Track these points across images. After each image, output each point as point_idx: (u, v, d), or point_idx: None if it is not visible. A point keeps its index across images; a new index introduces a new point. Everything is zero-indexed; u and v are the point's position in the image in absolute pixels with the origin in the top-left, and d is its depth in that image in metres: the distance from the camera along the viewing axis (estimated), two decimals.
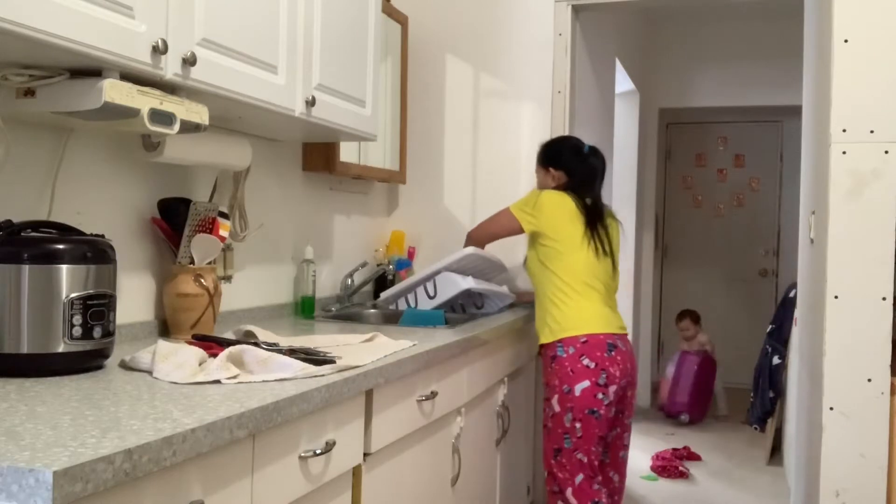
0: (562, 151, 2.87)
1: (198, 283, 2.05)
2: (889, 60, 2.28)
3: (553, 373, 2.65)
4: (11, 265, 1.48)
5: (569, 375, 2.60)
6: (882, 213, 2.28)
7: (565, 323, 2.65)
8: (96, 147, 1.92)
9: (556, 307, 2.68)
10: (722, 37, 6.15)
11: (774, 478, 4.47)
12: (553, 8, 3.35)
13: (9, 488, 0.93)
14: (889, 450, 2.28)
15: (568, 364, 2.61)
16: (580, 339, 2.61)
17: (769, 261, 6.93)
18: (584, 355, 2.60)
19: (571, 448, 2.60)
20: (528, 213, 2.73)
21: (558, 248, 2.69)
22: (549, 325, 2.68)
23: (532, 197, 2.75)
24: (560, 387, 2.61)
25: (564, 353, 2.62)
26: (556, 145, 2.93)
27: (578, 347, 2.61)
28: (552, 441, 2.64)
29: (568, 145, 2.90)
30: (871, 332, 2.28)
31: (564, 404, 2.60)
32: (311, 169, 2.83)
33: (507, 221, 2.79)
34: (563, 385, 2.60)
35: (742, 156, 7.01)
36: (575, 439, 2.59)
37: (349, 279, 3.04)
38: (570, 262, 2.69)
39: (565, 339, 2.63)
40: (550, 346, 2.67)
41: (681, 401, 5.49)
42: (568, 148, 2.88)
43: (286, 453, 1.46)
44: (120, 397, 1.34)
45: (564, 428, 2.60)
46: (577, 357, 2.60)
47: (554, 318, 2.67)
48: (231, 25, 1.80)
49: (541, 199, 2.71)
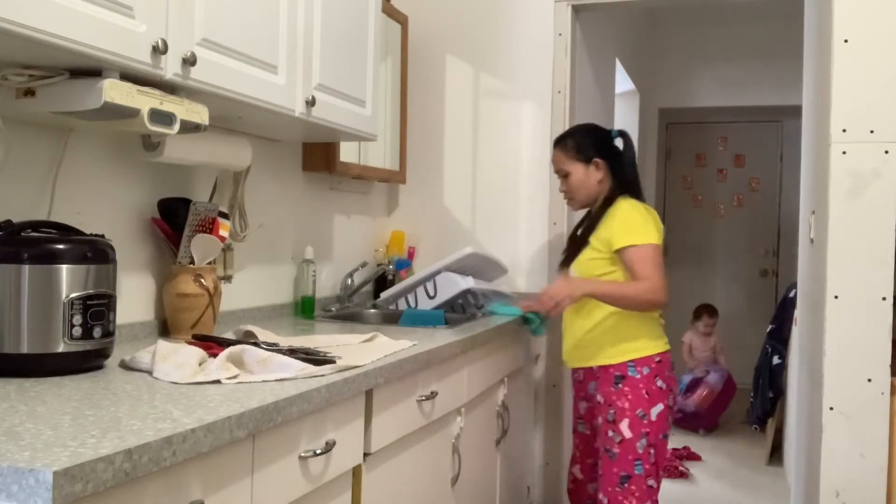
0: (606, 139, 2.58)
1: (198, 283, 2.05)
2: (889, 60, 2.28)
3: (621, 395, 2.43)
4: (11, 265, 1.48)
5: (643, 399, 2.41)
6: (882, 213, 2.28)
7: (639, 342, 2.45)
8: (96, 147, 1.92)
9: (628, 324, 2.45)
10: (722, 37, 6.16)
11: (774, 478, 4.46)
12: (553, 8, 3.35)
13: (9, 488, 0.93)
14: (889, 450, 2.28)
15: (642, 386, 2.41)
16: (654, 359, 2.44)
17: (769, 261, 6.93)
18: (657, 376, 2.43)
19: (643, 475, 2.40)
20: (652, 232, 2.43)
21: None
22: (618, 344, 2.45)
23: (640, 217, 2.44)
24: (632, 411, 2.41)
25: (638, 374, 2.42)
26: (595, 132, 2.61)
27: (653, 368, 2.43)
28: (619, 467, 2.41)
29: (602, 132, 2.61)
30: (871, 332, 2.28)
31: (638, 430, 2.40)
32: (311, 169, 2.83)
33: (654, 251, 2.42)
34: (637, 409, 2.40)
35: (742, 156, 7.01)
36: (648, 465, 2.41)
37: (349, 279, 3.04)
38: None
39: (638, 359, 2.43)
40: (618, 365, 2.45)
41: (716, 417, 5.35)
42: (603, 135, 2.60)
43: (286, 453, 1.46)
44: (120, 397, 1.34)
45: (636, 454, 2.40)
46: (651, 378, 2.42)
47: (625, 335, 2.45)
48: (231, 25, 1.80)
49: (650, 213, 2.48)
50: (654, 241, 2.40)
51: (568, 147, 2.57)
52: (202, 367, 1.55)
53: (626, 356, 2.44)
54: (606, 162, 2.53)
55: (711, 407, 5.32)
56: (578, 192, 2.57)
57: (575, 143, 2.56)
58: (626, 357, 2.44)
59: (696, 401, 5.33)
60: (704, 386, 5.39)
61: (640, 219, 2.43)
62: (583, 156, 2.54)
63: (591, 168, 2.53)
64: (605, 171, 2.53)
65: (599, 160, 2.52)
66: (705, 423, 5.31)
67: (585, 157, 2.53)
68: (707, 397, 5.33)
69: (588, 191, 2.55)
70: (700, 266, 7.02)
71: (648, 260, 2.38)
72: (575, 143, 2.56)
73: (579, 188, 2.57)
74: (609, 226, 2.45)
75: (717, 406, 5.36)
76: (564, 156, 2.56)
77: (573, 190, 2.58)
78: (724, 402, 5.39)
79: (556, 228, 3.33)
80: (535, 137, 3.39)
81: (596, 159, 2.52)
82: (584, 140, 2.56)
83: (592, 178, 2.53)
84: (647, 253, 2.38)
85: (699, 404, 5.31)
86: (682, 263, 7.04)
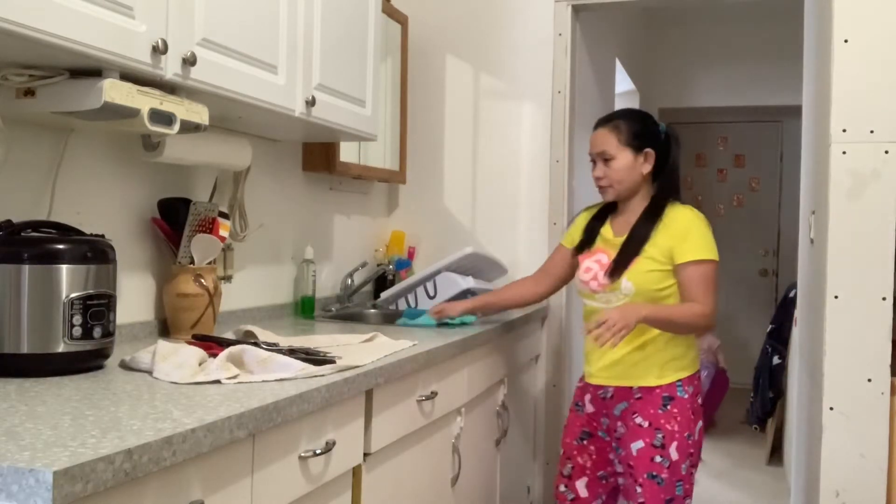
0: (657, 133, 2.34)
1: (198, 283, 2.05)
2: (889, 60, 2.28)
3: (670, 417, 2.24)
4: (11, 265, 1.48)
5: (690, 419, 2.26)
6: (882, 213, 2.28)
7: (686, 360, 2.29)
8: (96, 147, 1.92)
9: (677, 341, 2.28)
10: (722, 37, 6.16)
11: (774, 478, 4.46)
12: (553, 8, 3.35)
13: (9, 488, 0.93)
14: (889, 450, 2.28)
15: (689, 406, 2.27)
16: (696, 377, 2.31)
17: (769, 261, 6.93)
18: (698, 394, 2.31)
19: (682, 495, 2.27)
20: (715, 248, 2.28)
21: None
22: (666, 363, 2.27)
23: (706, 228, 2.29)
24: (681, 433, 2.24)
25: (686, 394, 2.26)
26: (650, 121, 2.38)
27: (696, 385, 2.30)
28: (665, 492, 2.23)
29: (655, 123, 2.38)
30: (871, 332, 2.28)
31: (685, 451, 2.25)
32: (311, 169, 2.83)
33: (717, 270, 2.26)
34: (686, 431, 2.24)
35: (742, 156, 7.01)
36: (688, 486, 2.28)
37: (349, 279, 3.04)
38: None
39: (686, 377, 2.28)
40: (666, 386, 2.26)
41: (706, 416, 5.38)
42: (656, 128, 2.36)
43: (286, 453, 1.45)
44: (120, 397, 1.34)
45: (679, 476, 2.25)
46: (695, 397, 2.29)
47: (673, 353, 2.27)
48: (231, 25, 1.80)
49: (708, 225, 2.31)
50: (717, 260, 2.25)
51: (620, 129, 2.30)
52: (202, 367, 1.55)
53: (676, 375, 2.27)
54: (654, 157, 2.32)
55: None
56: (622, 182, 2.30)
57: (629, 127, 2.30)
58: (675, 377, 2.26)
59: None
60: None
61: (709, 232, 2.27)
62: (636, 142, 2.29)
63: (641, 158, 2.30)
64: (652, 168, 2.32)
65: (651, 151, 2.30)
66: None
67: (638, 145, 2.30)
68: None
69: (632, 182, 2.31)
70: None
71: (710, 281, 2.22)
72: (629, 127, 2.30)
73: (624, 177, 2.30)
74: (671, 234, 2.24)
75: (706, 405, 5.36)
76: (614, 138, 2.29)
77: (616, 178, 2.30)
78: (713, 400, 5.39)
79: (556, 228, 3.32)
80: (535, 137, 3.39)
81: (648, 150, 2.30)
82: (639, 126, 2.32)
83: (639, 169, 2.30)
84: (709, 273, 2.22)
85: None
86: None
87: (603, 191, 2.34)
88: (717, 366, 5.49)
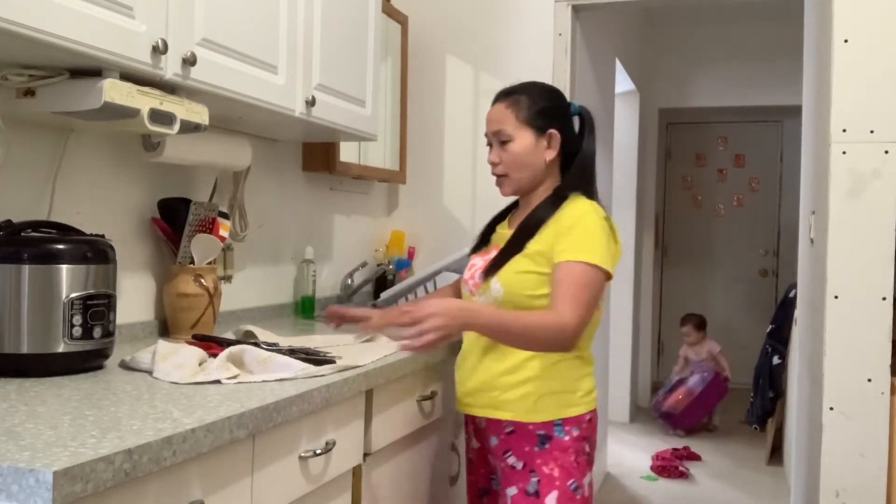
0: (565, 112, 1.92)
1: (198, 283, 2.05)
2: (889, 60, 2.28)
3: (548, 457, 1.80)
4: (11, 265, 1.48)
5: (574, 467, 1.81)
6: (882, 213, 2.28)
7: (571, 396, 1.84)
8: (96, 147, 1.92)
9: (559, 370, 1.83)
10: (722, 37, 6.16)
11: (774, 478, 4.47)
12: (553, 8, 3.35)
13: (9, 488, 0.93)
14: (889, 450, 2.28)
15: (573, 450, 1.81)
16: (586, 419, 1.85)
17: (769, 261, 6.93)
18: (587, 439, 1.85)
19: None
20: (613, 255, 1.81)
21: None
22: (548, 397, 1.82)
23: (598, 229, 1.78)
24: (563, 481, 1.79)
25: (566, 436, 1.81)
26: (557, 97, 1.95)
27: (585, 429, 1.84)
28: None
29: (564, 100, 1.96)
30: (871, 332, 2.28)
31: None
32: (311, 169, 2.83)
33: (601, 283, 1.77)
34: (570, 479, 1.80)
35: (742, 156, 7.02)
36: None
37: (349, 279, 3.04)
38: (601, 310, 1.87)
39: (569, 418, 1.82)
40: (542, 424, 1.82)
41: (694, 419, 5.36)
42: (564, 106, 1.94)
43: (286, 453, 1.46)
44: (120, 397, 1.34)
45: None
46: (582, 442, 1.83)
47: (554, 387, 1.82)
48: (231, 25, 1.80)
49: (614, 230, 1.86)
50: (606, 268, 1.75)
51: (520, 105, 1.87)
52: (202, 367, 1.55)
53: (555, 413, 1.81)
54: (561, 141, 1.88)
55: (687, 409, 5.33)
56: (519, 169, 1.88)
57: (531, 102, 1.87)
58: (555, 415, 1.81)
59: (672, 402, 5.38)
60: (682, 388, 5.42)
61: (604, 236, 1.78)
62: (539, 122, 1.86)
63: (544, 141, 1.87)
64: (558, 153, 1.89)
65: (556, 133, 1.87)
66: (679, 423, 5.33)
67: (541, 125, 1.86)
68: (682, 400, 5.36)
69: (532, 170, 1.88)
70: (700, 266, 7.02)
71: (582, 288, 1.71)
72: (531, 102, 1.87)
73: (523, 164, 1.87)
74: (557, 230, 1.79)
75: (694, 408, 5.34)
76: (513, 115, 1.87)
77: (512, 163, 1.88)
78: (704, 404, 5.36)
79: None
80: None
81: (552, 131, 1.86)
82: (544, 102, 1.89)
83: (542, 154, 1.87)
84: (583, 278, 1.72)
85: (673, 406, 5.36)
86: (682, 263, 7.04)
87: (499, 181, 1.94)
88: (720, 373, 5.47)
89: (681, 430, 5.31)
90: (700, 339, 5.65)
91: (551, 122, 1.87)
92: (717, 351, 5.63)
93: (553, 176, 1.92)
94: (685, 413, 5.31)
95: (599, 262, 1.73)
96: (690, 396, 5.35)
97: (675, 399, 5.38)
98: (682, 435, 5.28)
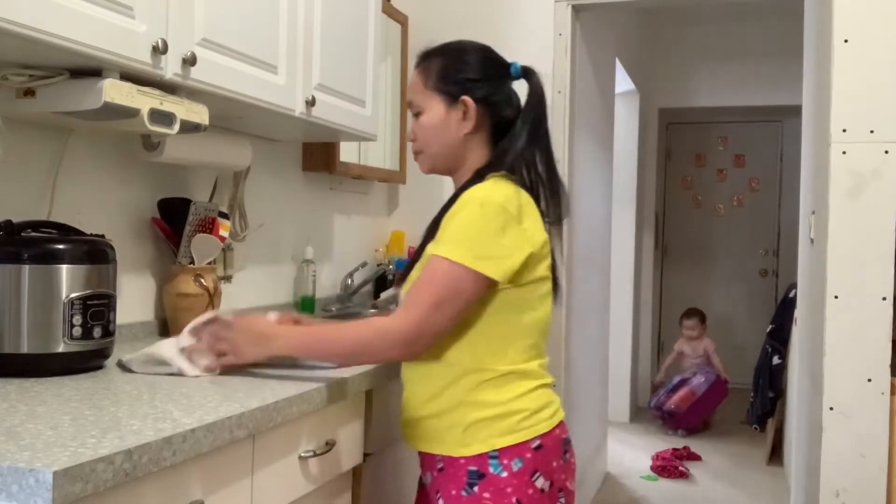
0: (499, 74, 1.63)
1: (198, 283, 2.05)
2: (889, 60, 2.28)
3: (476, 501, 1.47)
4: (11, 265, 1.48)
5: None
6: (882, 213, 2.28)
7: (509, 419, 1.48)
8: (96, 147, 1.92)
9: (491, 392, 1.49)
10: (722, 37, 6.16)
11: (774, 478, 4.47)
12: (553, 8, 3.34)
13: (9, 488, 0.93)
14: (889, 450, 2.28)
15: (512, 489, 1.47)
16: (531, 445, 1.49)
17: (769, 261, 6.94)
18: (537, 471, 1.48)
19: None
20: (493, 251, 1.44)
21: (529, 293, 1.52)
22: (479, 424, 1.49)
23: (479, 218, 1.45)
24: None
25: (504, 472, 1.47)
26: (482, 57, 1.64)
27: (529, 460, 1.48)
28: None
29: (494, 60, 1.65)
30: (871, 332, 2.28)
31: None
32: (311, 169, 2.83)
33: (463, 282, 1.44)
34: None
35: (742, 156, 7.02)
36: None
37: (349, 279, 3.04)
38: (537, 315, 1.54)
39: (506, 448, 1.47)
40: (473, 458, 1.49)
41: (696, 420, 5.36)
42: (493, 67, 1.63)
43: (286, 453, 1.46)
44: (120, 397, 1.34)
45: None
46: (527, 476, 1.47)
47: (485, 412, 1.49)
48: (231, 25, 1.80)
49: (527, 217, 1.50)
50: (466, 264, 1.42)
51: (430, 70, 1.60)
52: None
53: (488, 443, 1.48)
54: (486, 110, 1.58)
55: (691, 409, 5.33)
56: (431, 145, 1.61)
57: (441, 67, 1.59)
58: (488, 445, 1.48)
59: (676, 401, 5.37)
60: (686, 387, 5.42)
61: (482, 228, 1.45)
62: (450, 87, 1.58)
63: (457, 113, 1.58)
64: (482, 126, 1.59)
65: (469, 101, 1.57)
66: (683, 424, 5.33)
67: (453, 93, 1.58)
68: (686, 399, 5.36)
69: (447, 146, 1.59)
70: (700, 266, 7.02)
71: (435, 286, 1.43)
72: (441, 67, 1.59)
73: (434, 139, 1.60)
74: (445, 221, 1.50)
75: (697, 409, 5.34)
76: (422, 82, 1.61)
77: (424, 138, 1.61)
78: (706, 405, 5.38)
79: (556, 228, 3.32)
80: None
81: (464, 98, 1.57)
82: (457, 65, 1.60)
83: (454, 126, 1.58)
84: (437, 276, 1.44)
85: (677, 405, 5.35)
86: (682, 263, 7.04)
87: (415, 158, 1.67)
88: (716, 373, 5.48)
89: (683, 430, 5.31)
90: (701, 333, 5.68)
91: (466, 89, 1.57)
92: (713, 349, 5.65)
93: (479, 152, 1.60)
94: (688, 413, 5.31)
95: (457, 258, 1.43)
96: (693, 397, 5.36)
97: (680, 398, 5.36)
98: (683, 435, 5.28)
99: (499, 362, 1.50)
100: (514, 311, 1.50)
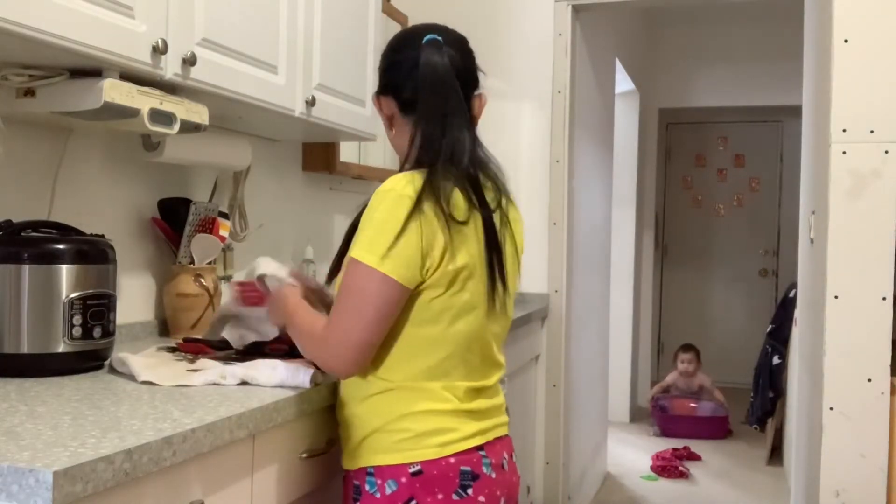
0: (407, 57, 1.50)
1: (198, 283, 2.05)
2: (889, 60, 2.28)
3: None
4: (11, 265, 1.48)
5: None
6: (882, 213, 2.28)
7: (395, 436, 1.39)
8: (96, 147, 1.92)
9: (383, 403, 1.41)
10: (722, 37, 6.16)
11: (774, 478, 4.47)
12: (553, 8, 3.35)
13: (9, 488, 0.93)
14: (889, 450, 2.28)
15: None
16: (409, 469, 1.37)
17: (769, 261, 6.94)
18: (412, 499, 1.37)
19: None
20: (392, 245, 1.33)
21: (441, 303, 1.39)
22: (370, 437, 1.42)
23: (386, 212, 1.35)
24: None
25: (377, 493, 1.39)
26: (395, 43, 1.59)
27: (406, 484, 1.37)
28: None
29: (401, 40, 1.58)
30: (871, 332, 2.28)
31: None
32: (311, 169, 2.83)
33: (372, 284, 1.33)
34: None
35: (742, 156, 7.02)
36: None
37: None
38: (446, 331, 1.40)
39: (384, 467, 1.39)
40: (357, 472, 1.43)
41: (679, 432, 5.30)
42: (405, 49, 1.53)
43: (286, 453, 1.45)
44: (120, 397, 1.34)
45: None
46: (398, 500, 1.37)
47: (374, 423, 1.41)
48: (231, 25, 1.80)
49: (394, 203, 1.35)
50: (366, 262, 1.33)
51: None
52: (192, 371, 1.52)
53: (369, 459, 1.41)
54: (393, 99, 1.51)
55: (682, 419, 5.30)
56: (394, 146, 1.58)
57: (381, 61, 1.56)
58: (369, 460, 1.41)
59: (675, 404, 5.36)
60: (693, 402, 5.40)
61: (384, 221, 1.34)
62: (379, 86, 1.55)
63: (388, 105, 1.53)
64: (399, 117, 1.51)
65: (380, 98, 1.54)
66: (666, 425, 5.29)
67: (380, 87, 1.54)
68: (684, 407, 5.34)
69: (394, 146, 1.56)
70: (700, 266, 7.02)
71: (351, 295, 1.35)
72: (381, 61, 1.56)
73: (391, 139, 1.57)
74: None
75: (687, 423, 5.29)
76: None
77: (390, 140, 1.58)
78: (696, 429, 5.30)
79: (556, 228, 3.32)
80: (535, 137, 3.39)
81: (374, 95, 1.56)
82: (382, 61, 1.56)
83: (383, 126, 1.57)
84: (351, 282, 1.35)
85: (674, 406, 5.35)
86: (682, 263, 7.04)
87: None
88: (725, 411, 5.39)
89: (658, 430, 5.31)
90: (697, 369, 5.60)
91: (382, 84, 1.52)
92: (710, 382, 5.55)
93: (412, 145, 1.48)
94: (678, 420, 5.30)
95: (361, 258, 1.34)
96: (693, 412, 5.36)
97: (680, 404, 5.37)
98: (657, 434, 5.27)
99: (393, 375, 1.40)
100: (414, 322, 1.38)
